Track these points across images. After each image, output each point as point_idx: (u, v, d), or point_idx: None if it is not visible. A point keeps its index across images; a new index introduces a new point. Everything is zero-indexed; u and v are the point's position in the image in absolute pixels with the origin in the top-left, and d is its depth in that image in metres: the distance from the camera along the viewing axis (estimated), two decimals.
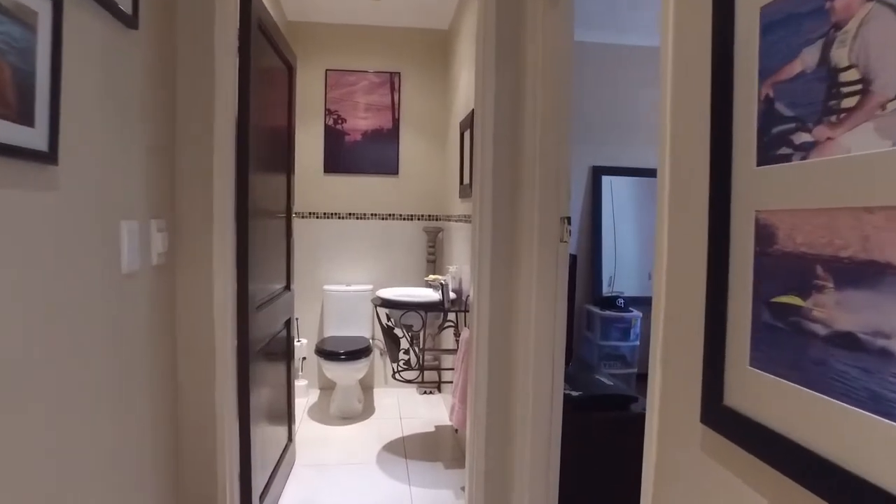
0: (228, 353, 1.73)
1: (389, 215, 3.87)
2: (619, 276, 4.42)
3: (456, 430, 2.86)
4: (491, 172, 1.85)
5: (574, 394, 2.11)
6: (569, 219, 1.71)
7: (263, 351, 2.11)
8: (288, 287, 2.54)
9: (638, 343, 3.99)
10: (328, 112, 3.78)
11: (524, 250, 1.82)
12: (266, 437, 2.14)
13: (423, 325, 2.60)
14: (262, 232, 2.09)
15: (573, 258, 2.83)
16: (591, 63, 4.12)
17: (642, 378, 4.29)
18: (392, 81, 3.82)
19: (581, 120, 3.81)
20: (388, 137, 3.85)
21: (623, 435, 2.13)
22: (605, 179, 4.31)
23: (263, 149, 2.09)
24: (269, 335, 2.21)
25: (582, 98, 3.52)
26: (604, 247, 4.34)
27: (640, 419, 0.99)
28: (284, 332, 2.51)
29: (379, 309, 2.73)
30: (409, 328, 2.67)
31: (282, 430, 2.47)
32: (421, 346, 2.72)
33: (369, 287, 3.73)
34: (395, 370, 2.79)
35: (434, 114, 3.87)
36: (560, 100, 1.70)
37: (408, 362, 2.75)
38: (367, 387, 3.87)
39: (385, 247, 3.87)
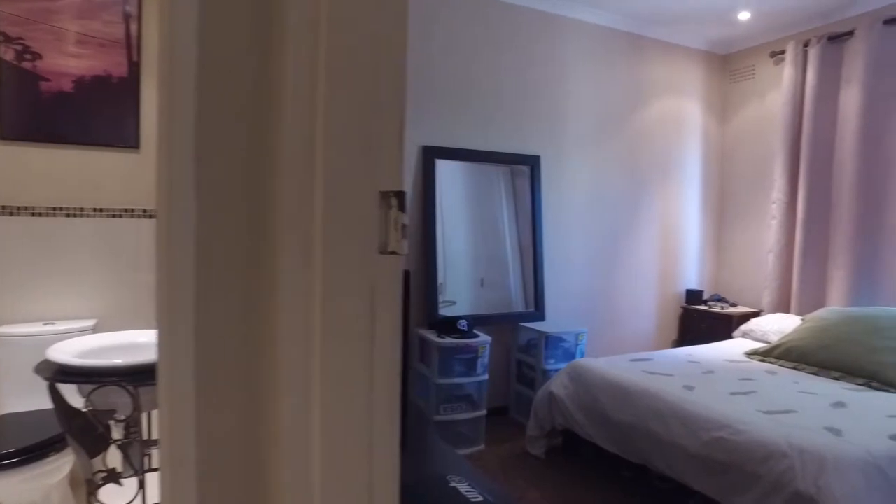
0: None
1: (124, 211, 2.52)
2: (450, 282, 3.53)
3: None
4: (193, 96, 0.77)
5: None
6: (400, 196, 0.72)
7: None
8: None
9: (487, 377, 3.03)
10: (5, 39, 2.31)
11: (284, 272, 0.79)
12: None
13: (136, 408, 1.42)
14: None
15: (405, 275, 1.85)
16: (415, 13, 3.21)
17: (494, 415, 3.41)
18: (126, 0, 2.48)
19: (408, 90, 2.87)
20: (121, 90, 2.49)
21: None
22: (440, 164, 3.43)
23: None
24: None
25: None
26: (438, 249, 3.46)
27: None
28: None
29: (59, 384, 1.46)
30: (108, 414, 1.45)
31: None
32: (140, 441, 1.52)
33: (89, 324, 2.35)
34: (95, 485, 1.54)
35: None
36: None
37: (113, 473, 1.53)
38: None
39: (115, 260, 2.51)
